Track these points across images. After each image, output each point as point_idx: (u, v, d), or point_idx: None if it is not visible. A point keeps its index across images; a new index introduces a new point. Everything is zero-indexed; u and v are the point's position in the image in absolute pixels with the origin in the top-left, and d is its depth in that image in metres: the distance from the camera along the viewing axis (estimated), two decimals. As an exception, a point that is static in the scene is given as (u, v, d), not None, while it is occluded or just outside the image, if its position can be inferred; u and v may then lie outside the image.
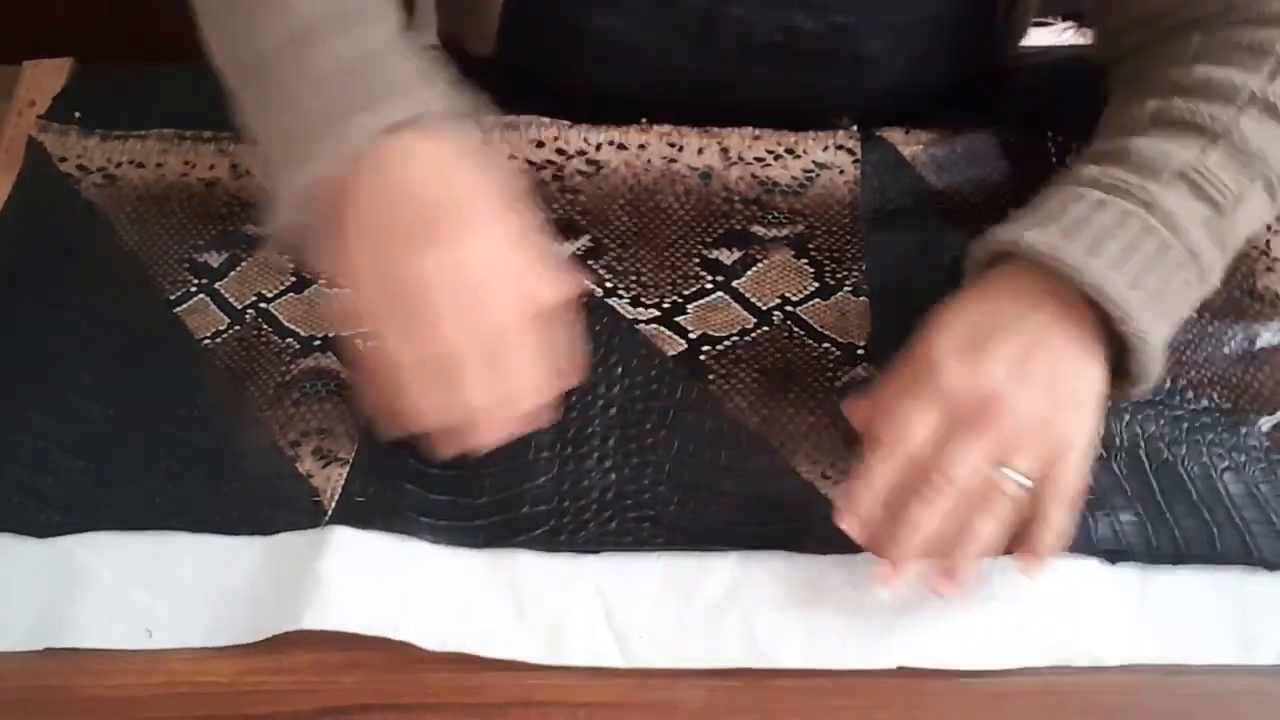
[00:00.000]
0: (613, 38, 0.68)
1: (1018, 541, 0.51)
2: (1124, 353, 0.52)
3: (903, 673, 0.51)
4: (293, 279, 0.65)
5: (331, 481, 0.57)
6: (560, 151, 0.69)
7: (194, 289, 0.65)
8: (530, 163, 0.69)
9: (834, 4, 0.65)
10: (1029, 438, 0.50)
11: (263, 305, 0.64)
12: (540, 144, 0.69)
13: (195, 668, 0.52)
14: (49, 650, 0.53)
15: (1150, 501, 0.55)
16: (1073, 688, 0.51)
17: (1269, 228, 0.64)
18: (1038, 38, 0.89)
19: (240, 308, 0.64)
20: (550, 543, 0.55)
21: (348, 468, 0.57)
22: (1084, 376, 0.52)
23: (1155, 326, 0.51)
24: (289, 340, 0.63)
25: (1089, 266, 0.51)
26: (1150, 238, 0.52)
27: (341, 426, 0.59)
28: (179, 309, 0.64)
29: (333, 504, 0.56)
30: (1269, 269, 0.63)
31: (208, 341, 0.63)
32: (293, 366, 0.61)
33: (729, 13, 0.65)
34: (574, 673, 0.52)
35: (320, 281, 0.65)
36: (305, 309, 0.64)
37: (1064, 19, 0.86)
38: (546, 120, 0.70)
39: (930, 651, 0.51)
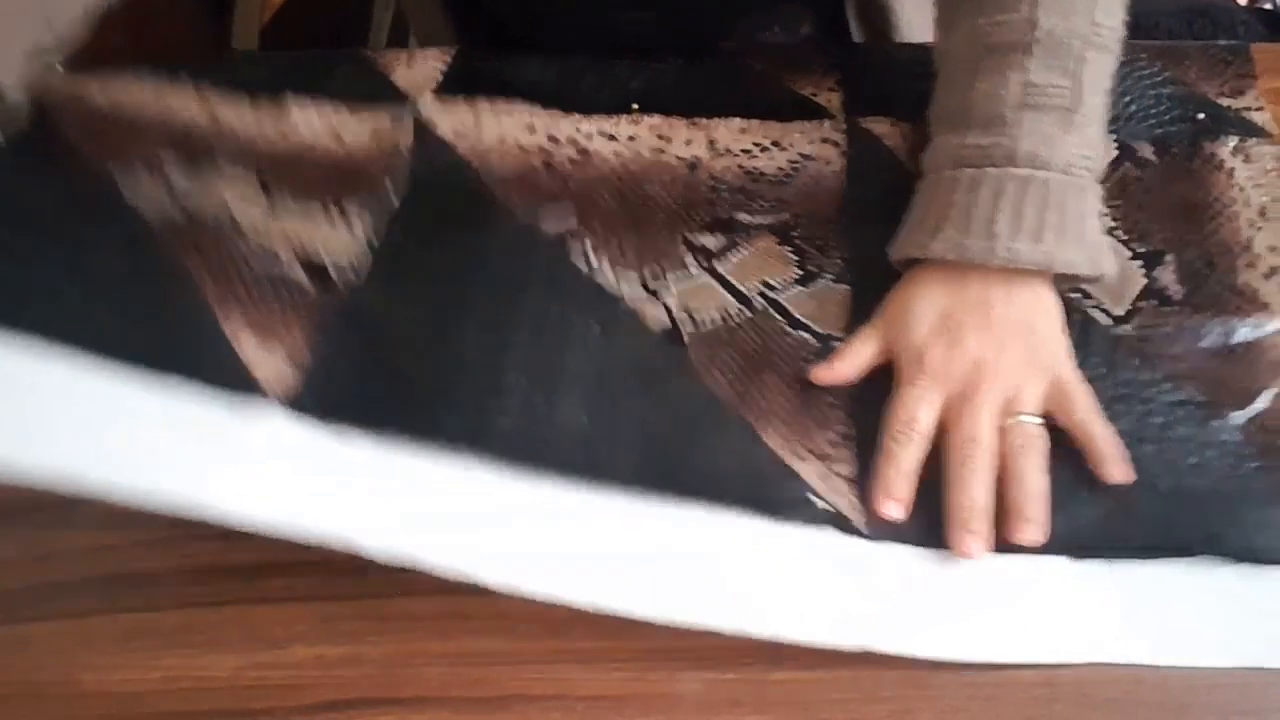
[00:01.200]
0: None
1: (1008, 525, 0.53)
2: None
3: (900, 665, 0.51)
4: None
5: (274, 373, 0.57)
6: (551, 138, 0.71)
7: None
8: (520, 146, 0.70)
9: None
10: (1023, 382, 0.56)
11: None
12: (532, 129, 0.71)
13: (195, 662, 0.53)
14: (50, 644, 0.53)
15: (1121, 494, 0.54)
16: (1069, 680, 0.50)
17: (1251, 223, 0.64)
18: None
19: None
20: (511, 453, 0.55)
21: (293, 367, 0.57)
22: (1039, 311, 0.58)
23: (1072, 244, 0.57)
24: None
25: (993, 251, 0.57)
26: (1029, 187, 0.57)
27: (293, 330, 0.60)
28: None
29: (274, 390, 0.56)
30: (1250, 265, 0.62)
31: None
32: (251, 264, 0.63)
33: None
34: (574, 666, 0.52)
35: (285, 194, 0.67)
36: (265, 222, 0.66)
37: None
38: (540, 108, 0.72)
39: (894, 640, 0.51)
